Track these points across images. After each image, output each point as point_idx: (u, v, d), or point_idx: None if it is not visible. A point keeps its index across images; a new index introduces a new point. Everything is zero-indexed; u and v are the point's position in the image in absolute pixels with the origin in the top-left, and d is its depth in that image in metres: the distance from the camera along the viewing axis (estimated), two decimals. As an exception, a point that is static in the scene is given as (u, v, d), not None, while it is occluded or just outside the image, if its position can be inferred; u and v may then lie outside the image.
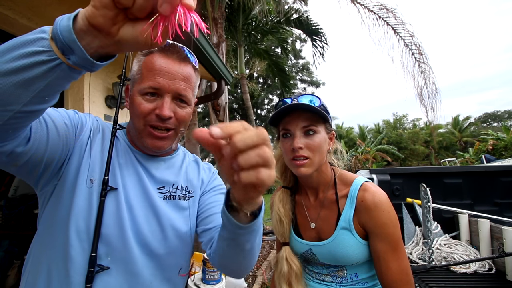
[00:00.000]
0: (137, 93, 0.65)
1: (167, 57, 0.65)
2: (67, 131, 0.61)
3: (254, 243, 0.56)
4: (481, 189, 2.45)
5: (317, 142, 0.80)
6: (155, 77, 0.63)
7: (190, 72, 0.68)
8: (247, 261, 0.60)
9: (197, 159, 0.86)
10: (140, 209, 0.67)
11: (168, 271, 0.70)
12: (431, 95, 6.46)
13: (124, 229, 0.63)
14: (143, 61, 0.66)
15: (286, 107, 0.80)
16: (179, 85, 0.65)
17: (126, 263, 0.63)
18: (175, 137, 0.71)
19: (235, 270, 0.65)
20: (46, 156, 0.56)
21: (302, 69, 20.68)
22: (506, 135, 14.97)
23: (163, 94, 0.65)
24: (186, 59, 0.68)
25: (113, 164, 0.66)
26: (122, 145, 0.72)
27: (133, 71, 0.69)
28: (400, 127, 26.21)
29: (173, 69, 0.65)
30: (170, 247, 0.69)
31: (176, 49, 0.67)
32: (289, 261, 0.88)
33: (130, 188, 0.67)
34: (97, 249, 0.59)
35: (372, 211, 0.77)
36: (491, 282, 1.66)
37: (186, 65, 0.67)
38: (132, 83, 0.68)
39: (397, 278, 0.73)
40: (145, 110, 0.64)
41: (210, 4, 5.30)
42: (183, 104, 0.68)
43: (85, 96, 1.98)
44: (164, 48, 0.66)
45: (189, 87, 0.68)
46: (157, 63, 0.64)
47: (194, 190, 0.77)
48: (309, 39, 8.20)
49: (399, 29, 6.30)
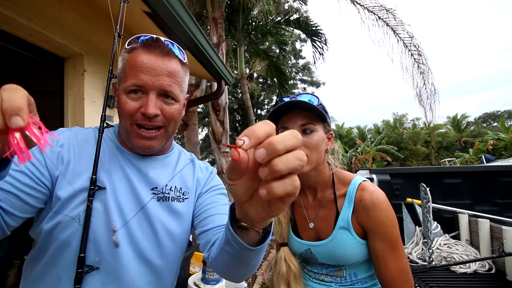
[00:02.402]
0: (122, 91, 0.63)
1: (149, 53, 0.63)
2: (35, 179, 0.59)
3: (260, 258, 0.53)
4: (481, 189, 2.44)
5: (314, 141, 0.80)
6: (138, 74, 0.61)
7: (175, 67, 0.65)
8: (251, 271, 0.58)
9: (194, 158, 0.83)
10: (130, 210, 0.65)
11: (162, 276, 0.69)
12: (430, 95, 6.48)
13: (109, 220, 0.62)
14: (126, 58, 0.64)
15: (284, 105, 0.80)
16: (163, 81, 0.63)
17: (115, 266, 0.61)
18: (165, 135, 0.68)
19: (237, 278, 0.62)
20: (34, 203, 0.59)
21: (303, 69, 20.68)
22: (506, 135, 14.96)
23: (147, 91, 0.62)
24: (170, 53, 0.65)
25: (99, 169, 0.64)
26: (109, 147, 0.70)
27: (118, 69, 0.66)
28: (400, 127, 26.19)
29: (156, 64, 0.62)
30: (164, 251, 0.67)
31: (158, 44, 0.64)
32: (287, 261, 0.87)
33: (120, 190, 0.65)
34: (86, 250, 0.58)
35: (371, 210, 0.77)
36: (491, 282, 1.65)
37: (170, 60, 0.65)
38: (118, 81, 0.66)
39: (396, 277, 0.73)
40: (131, 109, 0.62)
41: (210, 4, 5.30)
42: (170, 100, 0.65)
43: (85, 96, 1.98)
44: (147, 43, 0.64)
45: (175, 83, 0.65)
46: (139, 59, 0.62)
47: (188, 192, 0.74)
48: (309, 39, 8.21)
49: (398, 30, 6.31)
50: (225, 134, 5.26)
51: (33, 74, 3.24)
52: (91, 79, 2.03)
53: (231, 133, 19.57)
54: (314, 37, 7.93)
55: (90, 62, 2.02)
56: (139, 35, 0.67)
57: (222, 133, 5.23)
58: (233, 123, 20.04)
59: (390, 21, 6.27)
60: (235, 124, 20.71)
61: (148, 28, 2.15)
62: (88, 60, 2.01)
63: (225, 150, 5.17)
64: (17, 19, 1.55)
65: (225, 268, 0.58)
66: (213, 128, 5.26)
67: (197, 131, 5.06)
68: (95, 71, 2.07)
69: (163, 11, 1.80)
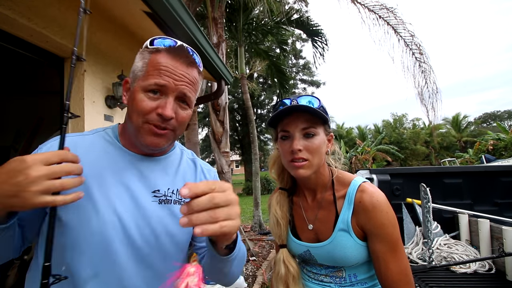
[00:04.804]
0: (140, 89, 0.64)
1: (175, 59, 0.64)
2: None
3: (232, 268, 0.64)
4: (481, 189, 2.44)
5: (316, 144, 0.80)
6: (161, 75, 0.62)
7: (196, 76, 0.68)
8: (228, 278, 0.71)
9: (195, 158, 0.84)
10: (127, 213, 0.64)
11: (165, 278, 0.68)
12: (432, 94, 6.45)
13: (108, 236, 0.61)
14: (149, 58, 0.65)
15: (285, 109, 0.79)
16: (185, 86, 0.65)
17: (116, 275, 0.61)
18: (173, 136, 0.69)
19: (221, 282, 0.75)
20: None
21: (303, 69, 20.67)
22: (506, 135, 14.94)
23: (167, 93, 0.63)
24: (194, 64, 0.68)
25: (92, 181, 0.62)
26: (106, 151, 0.68)
27: (136, 67, 0.66)
28: (400, 126, 26.17)
29: (180, 71, 0.64)
30: (166, 254, 0.67)
31: (184, 52, 0.66)
32: (286, 263, 0.87)
33: (116, 197, 0.64)
34: (51, 258, 0.53)
35: (370, 212, 0.76)
36: (491, 282, 1.65)
37: (193, 69, 0.67)
38: (134, 78, 0.66)
39: (397, 279, 0.73)
40: (147, 107, 0.62)
41: (210, 4, 5.30)
42: (185, 105, 0.67)
43: (85, 96, 1.98)
44: (173, 49, 0.65)
45: (194, 90, 0.68)
46: (164, 62, 0.63)
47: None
48: (310, 39, 8.20)
49: (399, 29, 6.29)
50: (225, 134, 5.26)
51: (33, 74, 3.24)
52: (91, 79, 2.03)
53: (231, 133, 19.55)
54: (315, 37, 7.92)
55: (90, 62, 2.02)
56: (160, 37, 0.68)
57: (222, 133, 5.22)
58: (233, 123, 20.03)
59: (391, 20, 6.25)
60: (235, 124, 20.69)
61: (148, 28, 2.14)
62: (88, 60, 2.01)
63: (225, 150, 5.18)
64: (17, 19, 1.55)
65: (207, 273, 0.69)
66: (213, 128, 5.26)
67: (197, 131, 5.05)
68: (95, 71, 2.07)
69: (163, 11, 1.80)
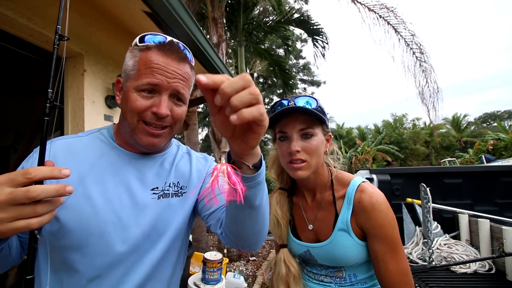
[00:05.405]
0: (132, 89, 0.63)
1: (166, 55, 0.63)
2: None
3: (262, 200, 0.55)
4: (481, 189, 2.44)
5: (314, 145, 0.80)
6: (154, 74, 0.61)
7: (189, 72, 0.68)
8: (260, 221, 0.59)
9: (190, 151, 0.83)
10: (127, 213, 0.64)
11: (164, 272, 0.70)
12: (433, 94, 6.43)
13: (108, 236, 0.61)
14: (139, 56, 0.63)
15: (282, 110, 0.79)
16: (178, 83, 0.64)
17: (118, 277, 0.62)
18: (170, 134, 0.69)
19: (251, 234, 0.61)
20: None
21: (303, 69, 20.67)
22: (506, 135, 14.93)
23: (161, 91, 0.63)
24: (186, 59, 0.67)
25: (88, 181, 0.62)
26: (103, 153, 0.67)
27: (128, 66, 0.65)
28: (400, 126, 26.16)
29: (172, 68, 0.63)
30: (166, 249, 0.69)
31: (175, 48, 0.65)
32: (287, 263, 0.87)
33: (116, 199, 0.64)
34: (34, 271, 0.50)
35: (370, 212, 0.76)
36: (491, 282, 1.65)
37: (184, 65, 0.66)
38: (126, 78, 0.66)
39: (397, 279, 0.73)
40: (141, 106, 0.62)
41: (210, 4, 5.29)
42: (180, 102, 0.67)
43: (85, 96, 1.98)
44: (162, 45, 0.64)
45: (187, 86, 0.68)
46: (156, 60, 0.62)
47: (186, 186, 0.75)
48: (310, 39, 8.18)
49: (399, 28, 6.28)
50: (225, 134, 5.25)
51: (33, 74, 3.24)
52: (91, 79, 2.04)
53: (231, 132, 19.43)
54: (316, 36, 7.91)
55: (90, 62, 2.03)
56: (150, 33, 0.67)
57: (222, 133, 5.22)
58: (233, 123, 19.96)
59: (391, 19, 6.24)
60: (235, 124, 20.64)
61: (148, 28, 2.14)
62: (88, 60, 2.01)
63: (225, 150, 5.18)
64: (17, 19, 1.55)
65: (236, 225, 0.60)
66: (213, 128, 5.26)
67: (197, 131, 5.06)
68: (95, 71, 2.07)
69: (163, 11, 1.79)
